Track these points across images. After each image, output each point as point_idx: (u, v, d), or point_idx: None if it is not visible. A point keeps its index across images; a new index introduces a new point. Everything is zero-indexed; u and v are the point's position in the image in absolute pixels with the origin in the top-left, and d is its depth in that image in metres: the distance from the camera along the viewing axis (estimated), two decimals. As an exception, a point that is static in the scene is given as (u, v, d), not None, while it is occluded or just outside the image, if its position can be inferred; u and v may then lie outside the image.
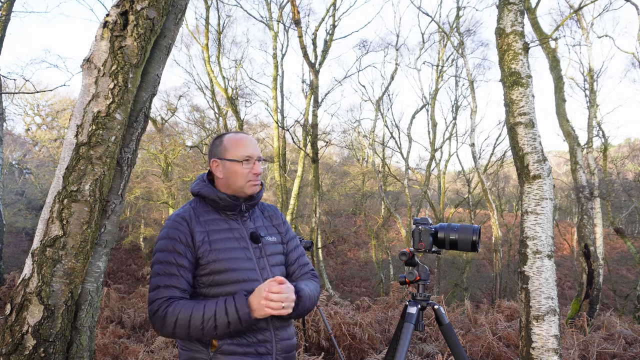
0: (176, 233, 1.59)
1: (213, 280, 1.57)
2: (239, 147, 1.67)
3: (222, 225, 1.65)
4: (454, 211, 22.54)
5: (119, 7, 2.35)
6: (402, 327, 2.02)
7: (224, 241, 1.62)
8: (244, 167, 1.65)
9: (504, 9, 3.62)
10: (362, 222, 26.54)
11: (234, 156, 1.66)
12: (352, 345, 4.82)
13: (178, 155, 19.01)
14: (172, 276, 1.55)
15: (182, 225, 1.60)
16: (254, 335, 1.58)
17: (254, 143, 1.70)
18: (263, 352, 1.59)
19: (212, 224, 1.64)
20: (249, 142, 1.69)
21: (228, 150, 1.67)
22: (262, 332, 1.60)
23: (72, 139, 2.31)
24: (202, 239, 1.60)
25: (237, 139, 1.70)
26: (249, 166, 1.66)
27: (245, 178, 1.66)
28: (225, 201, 1.66)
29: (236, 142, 1.68)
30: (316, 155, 12.97)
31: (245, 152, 1.66)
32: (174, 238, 1.58)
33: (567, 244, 25.75)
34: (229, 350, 1.55)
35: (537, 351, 3.27)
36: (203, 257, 1.58)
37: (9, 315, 2.23)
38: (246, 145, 1.67)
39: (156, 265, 1.58)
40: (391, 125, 22.01)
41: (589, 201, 8.37)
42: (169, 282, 1.55)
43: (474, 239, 2.03)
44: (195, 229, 1.60)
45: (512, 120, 3.54)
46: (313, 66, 14.21)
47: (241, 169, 1.65)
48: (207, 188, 1.68)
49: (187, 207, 1.68)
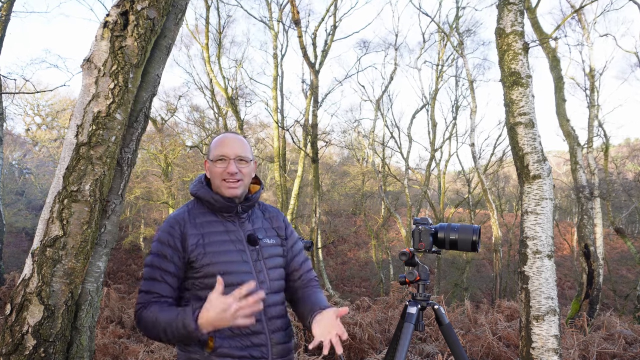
0: (166, 237, 1.59)
1: (208, 283, 1.56)
2: (217, 147, 1.66)
3: (218, 227, 1.64)
4: (454, 211, 22.54)
5: (119, 7, 2.35)
6: (402, 327, 2.02)
7: (219, 244, 1.61)
8: (217, 167, 1.64)
9: (503, 9, 3.62)
10: (362, 222, 26.54)
11: (212, 156, 1.66)
12: (352, 345, 4.82)
13: (178, 155, 19.01)
14: (154, 281, 1.57)
15: (173, 228, 1.60)
16: (249, 338, 1.57)
17: (235, 144, 1.66)
18: (258, 356, 1.57)
19: (207, 226, 1.63)
20: (228, 142, 1.67)
21: (211, 150, 1.69)
22: (257, 335, 1.58)
23: (72, 139, 2.31)
24: (196, 242, 1.59)
25: (219, 139, 1.69)
26: (222, 165, 1.63)
27: (219, 177, 1.63)
28: (220, 202, 1.64)
29: (216, 143, 1.68)
30: (316, 155, 12.97)
31: (219, 152, 1.64)
32: (163, 242, 1.59)
33: (567, 244, 25.75)
34: (224, 353, 1.54)
35: (537, 351, 3.27)
36: (197, 260, 1.57)
37: (9, 315, 2.23)
38: (223, 144, 1.66)
39: (145, 268, 1.61)
40: (391, 125, 22.02)
41: (589, 201, 8.37)
42: (150, 287, 1.57)
43: (474, 239, 2.04)
44: (188, 232, 1.59)
45: (512, 120, 3.54)
46: (313, 66, 14.22)
47: (215, 169, 1.64)
48: (203, 189, 1.68)
49: (183, 209, 1.68)
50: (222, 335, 1.54)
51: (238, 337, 1.56)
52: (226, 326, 1.43)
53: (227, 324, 1.41)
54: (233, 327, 1.51)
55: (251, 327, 1.56)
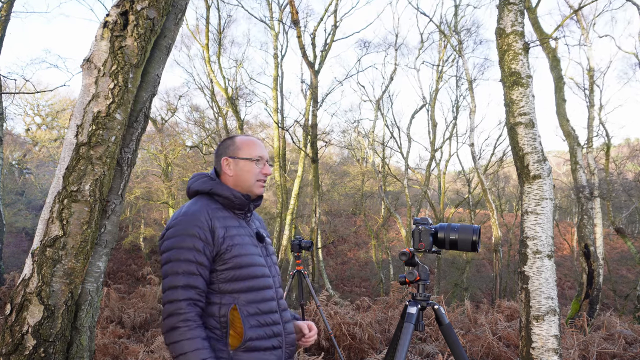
0: (195, 229, 1.55)
1: (234, 276, 1.58)
2: (252, 148, 1.75)
3: (234, 223, 1.67)
4: (454, 211, 22.53)
5: (119, 7, 2.35)
6: (402, 327, 2.02)
7: (241, 237, 1.65)
8: (256, 166, 1.73)
9: (504, 9, 3.62)
10: (362, 222, 26.54)
11: (248, 155, 1.73)
12: (352, 345, 4.82)
13: (178, 155, 19.02)
14: (192, 275, 1.52)
15: (201, 221, 1.57)
16: (271, 328, 1.62)
17: (264, 147, 1.81)
18: (277, 346, 1.63)
19: (227, 221, 1.65)
20: (260, 144, 1.79)
21: (241, 149, 1.73)
22: (276, 325, 1.64)
23: (72, 139, 2.31)
24: (223, 235, 1.59)
25: (251, 140, 1.79)
26: (260, 166, 1.74)
27: (255, 177, 1.73)
28: (239, 199, 1.68)
29: (249, 143, 1.76)
30: (316, 155, 12.97)
31: (258, 152, 1.74)
32: (193, 234, 1.54)
33: (567, 244, 25.75)
34: (252, 347, 1.56)
35: (537, 351, 3.27)
36: (226, 252, 1.58)
37: (9, 315, 2.23)
38: (259, 146, 1.77)
39: (172, 264, 1.53)
40: (391, 125, 22.03)
41: (589, 201, 8.37)
42: (188, 281, 1.51)
43: (474, 239, 2.03)
44: (215, 224, 1.59)
45: (512, 120, 3.54)
46: (312, 66, 14.21)
47: (253, 168, 1.72)
48: (219, 186, 1.69)
49: (199, 204, 1.64)
50: (252, 325, 1.57)
51: (264, 327, 1.60)
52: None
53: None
54: (260, 316, 1.59)
55: (272, 317, 1.63)
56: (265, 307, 1.61)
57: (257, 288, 1.61)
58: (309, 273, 11.54)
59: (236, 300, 1.56)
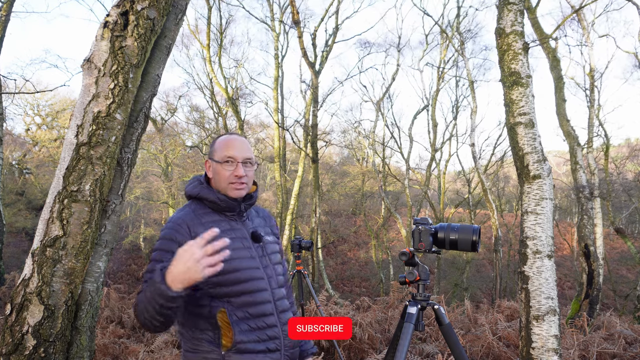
0: (173, 234, 1.58)
1: (219, 281, 1.56)
2: (224, 148, 1.67)
3: (224, 226, 1.65)
4: (454, 211, 22.54)
5: (119, 7, 2.35)
6: (402, 327, 2.02)
7: None
8: (225, 169, 1.65)
9: (503, 9, 3.62)
10: (362, 222, 26.54)
11: (218, 157, 1.66)
12: (352, 345, 4.82)
13: (178, 155, 19.03)
14: (154, 273, 1.54)
15: (181, 227, 1.59)
16: (265, 332, 1.60)
17: (242, 146, 1.68)
18: (273, 349, 1.60)
19: (214, 226, 1.63)
20: (236, 143, 1.68)
21: (216, 150, 1.68)
22: (271, 328, 1.61)
23: (72, 139, 2.31)
24: None
25: (225, 140, 1.70)
26: (230, 168, 1.65)
27: (226, 180, 1.65)
28: (225, 202, 1.66)
29: (223, 143, 1.68)
30: (316, 155, 12.97)
31: (227, 154, 1.65)
32: (171, 239, 1.57)
33: (567, 244, 25.74)
34: (244, 349, 1.55)
35: (537, 351, 3.27)
36: None
37: (9, 315, 2.23)
38: (231, 147, 1.67)
39: (150, 264, 1.58)
40: (391, 125, 22.01)
41: (589, 201, 8.37)
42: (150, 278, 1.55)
43: (474, 239, 2.03)
44: (198, 230, 1.58)
45: (512, 120, 3.54)
46: (313, 66, 14.22)
47: (222, 170, 1.65)
48: (206, 190, 1.68)
49: (188, 209, 1.67)
50: (241, 330, 1.56)
51: (256, 331, 1.58)
52: (197, 280, 1.36)
53: (196, 277, 1.35)
54: (251, 320, 1.55)
55: (266, 320, 1.60)
56: (256, 310, 1.59)
57: (247, 292, 1.58)
58: (309, 273, 11.54)
59: (226, 304, 1.56)
